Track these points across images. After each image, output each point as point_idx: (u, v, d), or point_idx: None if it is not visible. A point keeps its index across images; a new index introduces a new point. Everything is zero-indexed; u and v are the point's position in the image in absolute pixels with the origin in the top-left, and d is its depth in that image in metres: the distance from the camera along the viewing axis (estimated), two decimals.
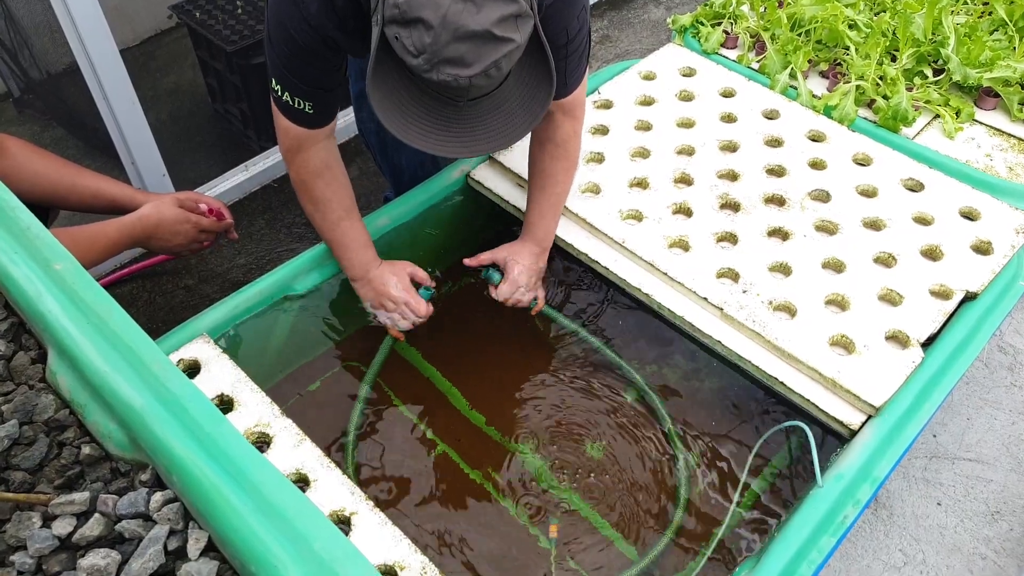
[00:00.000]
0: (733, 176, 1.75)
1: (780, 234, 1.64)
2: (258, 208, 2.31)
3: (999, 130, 1.87)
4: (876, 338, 1.44)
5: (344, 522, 1.17)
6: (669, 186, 1.73)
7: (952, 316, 1.50)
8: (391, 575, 1.11)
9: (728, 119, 1.89)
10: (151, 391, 0.96)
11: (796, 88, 1.94)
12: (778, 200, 1.70)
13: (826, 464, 1.32)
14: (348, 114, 2.44)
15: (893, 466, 1.30)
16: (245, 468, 0.91)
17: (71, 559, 0.90)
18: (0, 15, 2.31)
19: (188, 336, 1.40)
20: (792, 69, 1.96)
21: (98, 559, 0.88)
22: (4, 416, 1.01)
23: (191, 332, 1.41)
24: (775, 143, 1.83)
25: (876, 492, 1.30)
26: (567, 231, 1.66)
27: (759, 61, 2.03)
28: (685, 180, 1.74)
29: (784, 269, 1.57)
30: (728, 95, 1.95)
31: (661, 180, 1.73)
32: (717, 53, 2.07)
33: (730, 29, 2.12)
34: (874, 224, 1.65)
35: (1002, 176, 1.76)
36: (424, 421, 1.59)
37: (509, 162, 1.76)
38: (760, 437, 1.49)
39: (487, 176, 1.78)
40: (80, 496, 0.93)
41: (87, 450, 0.99)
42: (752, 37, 2.09)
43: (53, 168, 1.65)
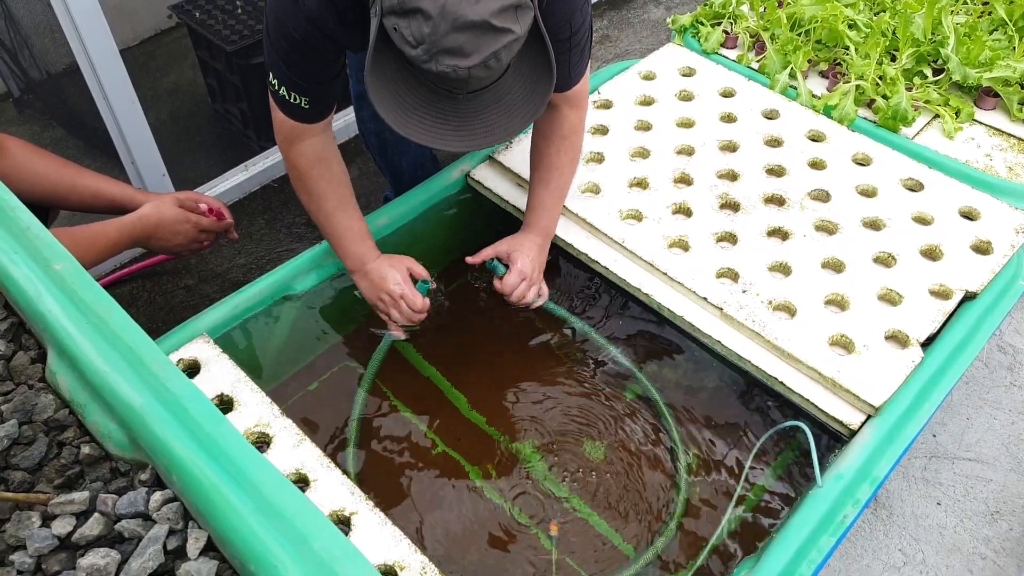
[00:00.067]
0: (733, 176, 1.75)
1: (780, 234, 1.64)
2: (258, 208, 2.31)
3: (999, 130, 1.87)
4: (876, 338, 1.44)
5: (344, 522, 1.17)
6: (669, 186, 1.73)
7: (952, 316, 1.50)
8: (391, 575, 1.11)
9: (728, 119, 1.89)
10: (151, 391, 0.96)
11: (796, 88, 1.94)
12: (778, 200, 1.70)
13: (826, 464, 1.32)
14: (348, 114, 2.44)
15: (893, 466, 1.30)
16: (245, 468, 0.91)
17: (71, 559, 0.90)
18: (0, 15, 2.31)
19: (188, 336, 1.40)
20: (792, 69, 1.96)
21: (98, 559, 0.88)
22: (4, 416, 1.01)
23: (191, 332, 1.41)
24: (775, 143, 1.83)
25: (876, 492, 1.30)
26: (567, 231, 1.66)
27: (759, 61, 2.03)
28: (685, 180, 1.74)
29: (784, 269, 1.57)
30: (728, 95, 1.95)
31: (661, 180, 1.73)
32: (717, 53, 2.07)
33: (730, 29, 2.12)
34: (874, 224, 1.65)
35: (1002, 176, 1.76)
36: (424, 421, 1.59)
37: (509, 162, 1.76)
38: (760, 437, 1.49)
39: (487, 176, 1.77)
40: (80, 496, 0.93)
41: (87, 450, 0.99)
42: (752, 37, 2.09)
43: (53, 168, 1.65)
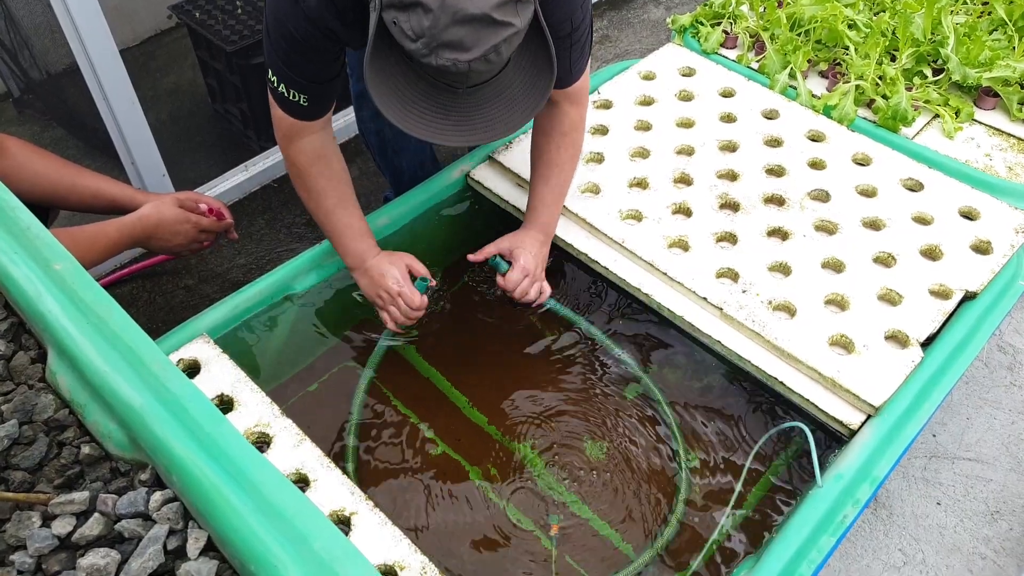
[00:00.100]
0: (733, 176, 1.75)
1: (780, 234, 1.64)
2: (258, 208, 2.31)
3: (998, 130, 1.87)
4: (876, 338, 1.44)
5: (344, 522, 1.17)
6: (669, 186, 1.73)
7: (952, 316, 1.50)
8: (391, 575, 1.11)
9: (728, 119, 1.89)
10: (151, 391, 0.96)
11: (796, 88, 1.94)
12: (778, 200, 1.70)
13: (826, 464, 1.32)
14: (348, 114, 2.44)
15: (892, 466, 1.30)
16: (245, 468, 0.91)
17: (71, 558, 0.90)
18: (0, 15, 2.31)
19: (188, 336, 1.40)
20: (792, 69, 1.96)
21: (98, 558, 0.88)
22: (4, 416, 1.01)
23: (191, 332, 1.41)
24: (775, 143, 1.83)
25: (876, 492, 1.30)
26: (567, 231, 1.66)
27: (759, 61, 2.03)
28: (685, 180, 1.74)
29: (784, 269, 1.57)
30: (728, 95, 1.95)
31: (661, 180, 1.73)
32: (717, 53, 2.07)
33: (730, 29, 2.12)
34: (874, 224, 1.65)
35: (1002, 176, 1.76)
36: (424, 421, 1.59)
37: (509, 162, 1.76)
38: (760, 437, 1.49)
39: (487, 176, 1.77)
40: (80, 496, 0.93)
41: (87, 450, 0.99)
42: (752, 37, 2.09)
43: (53, 168, 1.65)
